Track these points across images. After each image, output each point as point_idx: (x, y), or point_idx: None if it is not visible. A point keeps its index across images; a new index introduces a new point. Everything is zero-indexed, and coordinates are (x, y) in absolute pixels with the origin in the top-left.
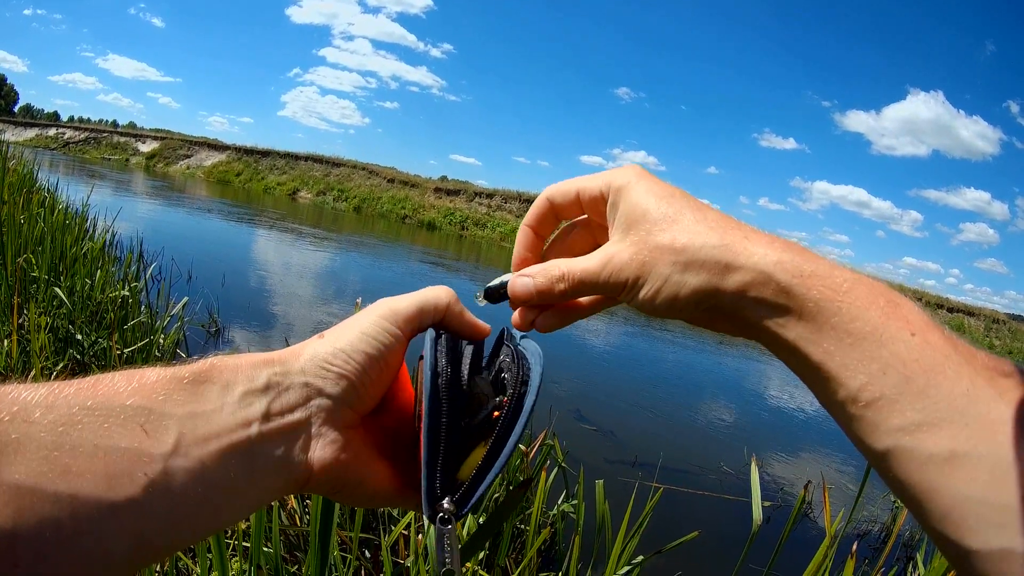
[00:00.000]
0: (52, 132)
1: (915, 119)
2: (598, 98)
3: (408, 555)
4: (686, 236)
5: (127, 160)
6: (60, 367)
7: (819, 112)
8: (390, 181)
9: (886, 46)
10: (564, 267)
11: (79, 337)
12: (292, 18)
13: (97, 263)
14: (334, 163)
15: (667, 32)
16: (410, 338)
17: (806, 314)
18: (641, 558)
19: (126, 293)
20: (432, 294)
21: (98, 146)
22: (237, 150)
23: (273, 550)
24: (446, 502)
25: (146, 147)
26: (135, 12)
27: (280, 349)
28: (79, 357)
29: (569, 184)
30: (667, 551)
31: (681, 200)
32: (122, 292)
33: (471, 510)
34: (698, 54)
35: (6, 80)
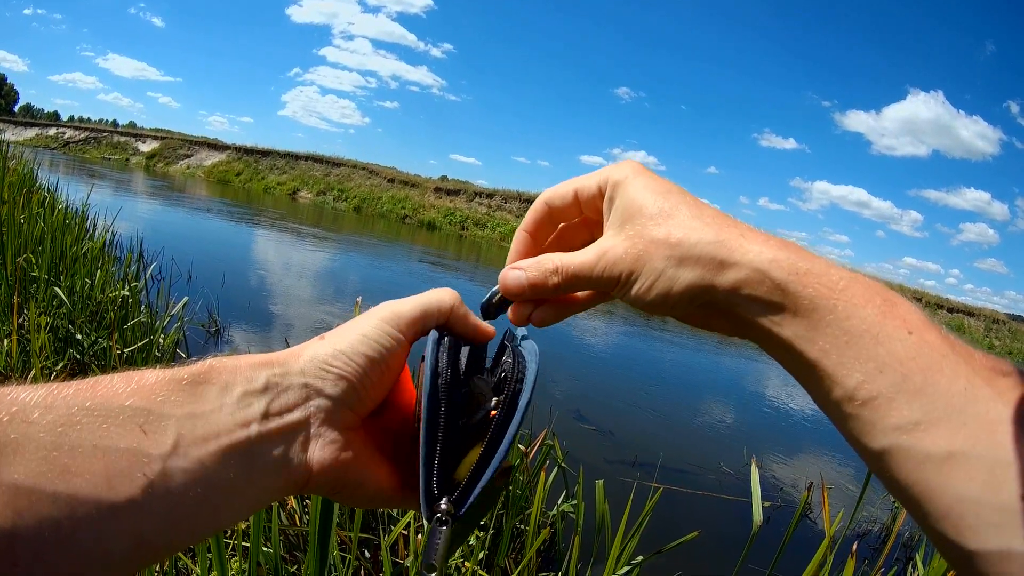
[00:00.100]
0: (52, 132)
1: (915, 119)
2: (598, 98)
3: (407, 555)
4: (681, 231)
5: (127, 160)
6: (60, 367)
7: (819, 112)
8: (390, 181)
9: (886, 46)
10: (558, 260)
11: (79, 337)
12: (292, 17)
13: (97, 263)
14: (334, 163)
15: (667, 32)
16: (412, 342)
17: (801, 312)
18: (641, 558)
19: (126, 293)
20: (436, 297)
21: (98, 146)
22: (237, 150)
23: (272, 550)
24: (443, 502)
25: (146, 147)
26: (135, 12)
27: (280, 349)
28: (79, 357)
29: (566, 185)
30: (667, 551)
31: (677, 196)
32: (122, 292)
33: (469, 510)
34: (698, 54)
35: (6, 79)
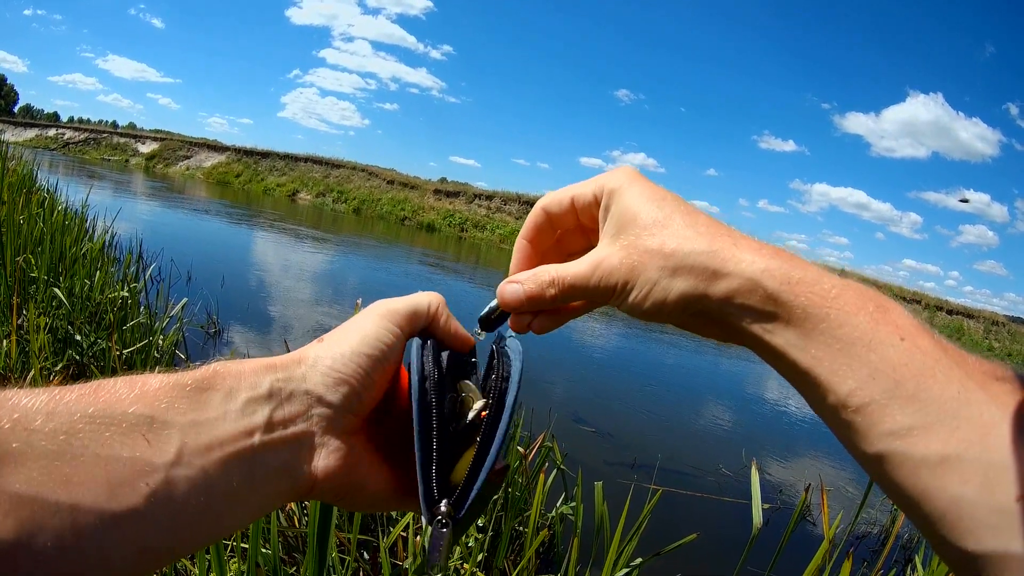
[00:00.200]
0: (52, 132)
1: (915, 121)
2: (598, 100)
3: (407, 556)
4: (675, 241)
5: (127, 161)
6: (59, 368)
7: (819, 114)
8: (390, 183)
9: (886, 48)
10: (554, 272)
11: (78, 338)
12: (292, 19)
13: (96, 264)
14: (334, 164)
15: (667, 34)
16: (409, 336)
17: (794, 320)
18: (640, 560)
19: (125, 294)
20: (424, 298)
21: (98, 147)
22: (237, 151)
23: (271, 551)
24: (443, 505)
25: (146, 148)
26: (135, 13)
27: (278, 351)
28: (78, 358)
29: (563, 192)
30: (666, 553)
31: (672, 204)
32: (121, 293)
33: (469, 511)
34: (698, 56)
35: (6, 80)
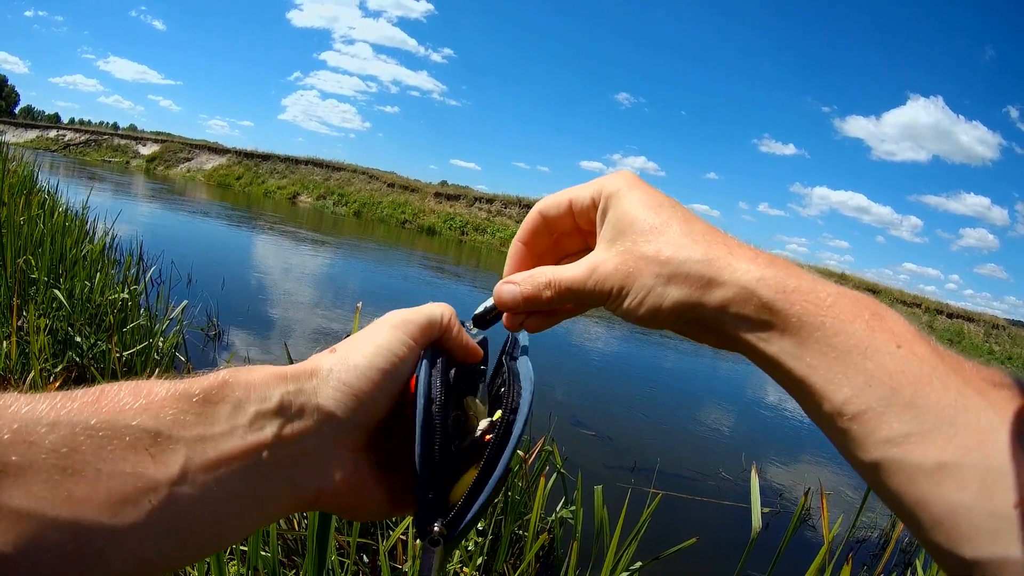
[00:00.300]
0: (53, 134)
1: (915, 124)
2: (598, 103)
3: (406, 560)
4: (671, 248)
5: (127, 163)
6: (59, 369)
7: (819, 117)
8: (390, 186)
9: (886, 51)
10: (551, 274)
11: (78, 339)
12: (293, 22)
13: (97, 265)
14: (334, 167)
15: (667, 36)
16: (423, 348)
17: (789, 329)
18: (639, 564)
19: (125, 296)
20: (438, 309)
21: (98, 148)
22: (237, 153)
23: (271, 554)
24: (436, 524)
25: (146, 150)
26: (136, 14)
27: (278, 353)
28: (78, 360)
29: (561, 195)
30: (665, 557)
31: (669, 210)
32: (121, 295)
33: (462, 533)
34: (698, 59)
35: (7, 81)
